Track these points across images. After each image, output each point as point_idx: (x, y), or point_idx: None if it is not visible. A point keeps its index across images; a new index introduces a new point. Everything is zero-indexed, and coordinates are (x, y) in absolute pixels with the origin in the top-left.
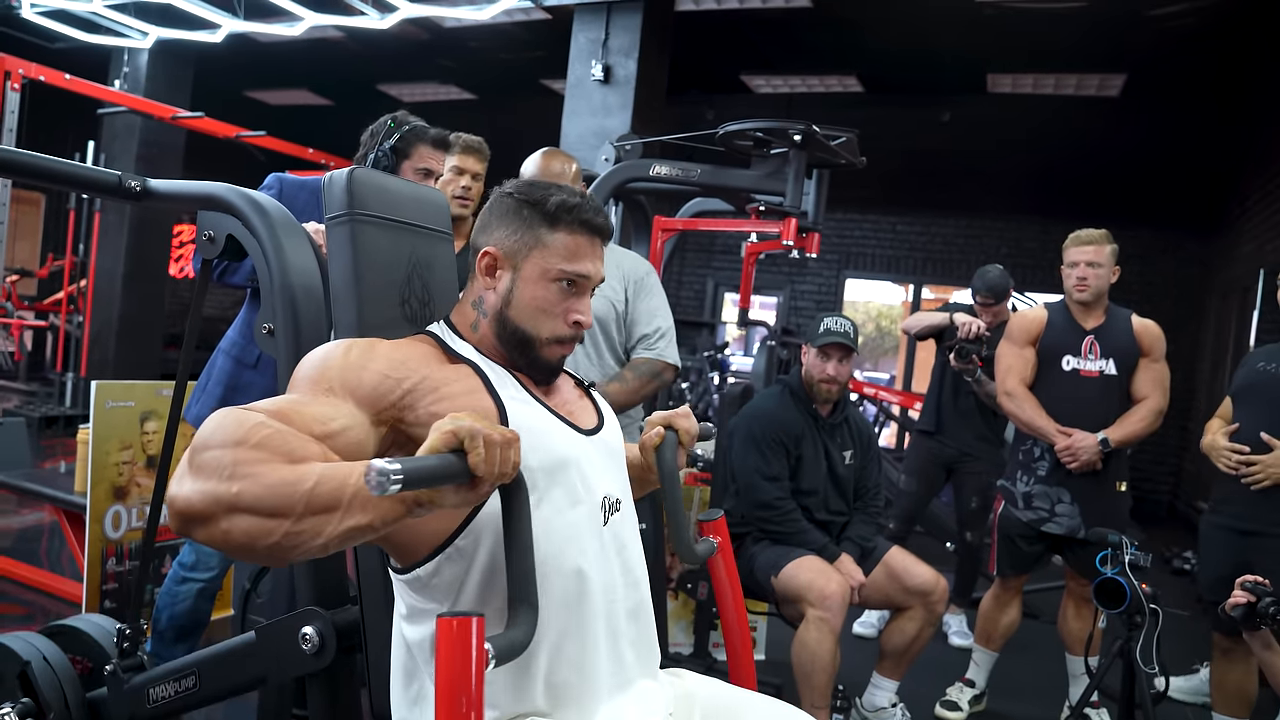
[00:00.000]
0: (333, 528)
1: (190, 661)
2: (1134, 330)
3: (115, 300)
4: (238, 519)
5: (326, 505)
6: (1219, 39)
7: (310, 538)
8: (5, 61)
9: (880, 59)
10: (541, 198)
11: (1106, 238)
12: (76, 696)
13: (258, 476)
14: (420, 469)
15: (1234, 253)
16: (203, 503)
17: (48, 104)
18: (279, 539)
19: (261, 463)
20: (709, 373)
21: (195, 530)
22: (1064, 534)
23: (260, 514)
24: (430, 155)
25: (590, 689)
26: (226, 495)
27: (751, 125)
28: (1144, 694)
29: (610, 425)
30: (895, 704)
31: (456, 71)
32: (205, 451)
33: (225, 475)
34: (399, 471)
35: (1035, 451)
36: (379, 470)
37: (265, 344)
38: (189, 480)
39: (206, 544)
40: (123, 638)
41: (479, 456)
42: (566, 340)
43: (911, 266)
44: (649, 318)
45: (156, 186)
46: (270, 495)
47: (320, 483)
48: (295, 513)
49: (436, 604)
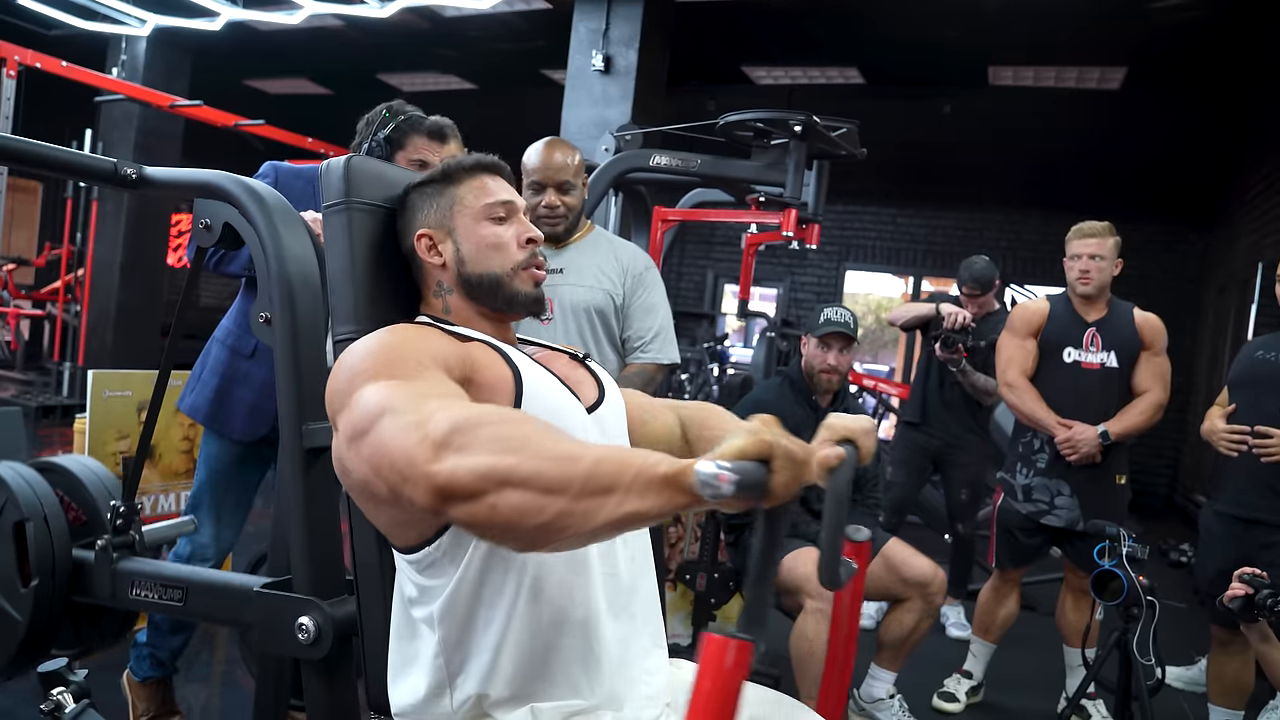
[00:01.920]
0: (609, 511)
1: (183, 576)
2: (1136, 323)
3: (112, 289)
4: (509, 494)
5: (605, 486)
6: (1220, 32)
7: (582, 520)
8: (1, 48)
9: (881, 51)
10: (430, 173)
11: (1109, 230)
12: (64, 551)
13: (537, 450)
14: (747, 478)
15: (1233, 245)
16: (471, 476)
17: (45, 92)
18: (550, 518)
19: (540, 433)
20: (709, 364)
21: (456, 507)
22: (1063, 526)
23: (535, 489)
24: (425, 146)
25: (592, 662)
26: (500, 468)
27: (752, 116)
28: (1140, 685)
29: (611, 397)
30: (893, 695)
31: (457, 61)
32: (472, 430)
33: (499, 448)
34: (734, 479)
35: (1035, 444)
36: (712, 473)
37: (262, 333)
38: (452, 456)
39: (465, 523)
40: (116, 514)
41: (783, 478)
42: (529, 263)
43: (911, 259)
44: (643, 315)
45: (152, 174)
46: (549, 470)
47: (600, 462)
48: (572, 490)
49: (445, 579)
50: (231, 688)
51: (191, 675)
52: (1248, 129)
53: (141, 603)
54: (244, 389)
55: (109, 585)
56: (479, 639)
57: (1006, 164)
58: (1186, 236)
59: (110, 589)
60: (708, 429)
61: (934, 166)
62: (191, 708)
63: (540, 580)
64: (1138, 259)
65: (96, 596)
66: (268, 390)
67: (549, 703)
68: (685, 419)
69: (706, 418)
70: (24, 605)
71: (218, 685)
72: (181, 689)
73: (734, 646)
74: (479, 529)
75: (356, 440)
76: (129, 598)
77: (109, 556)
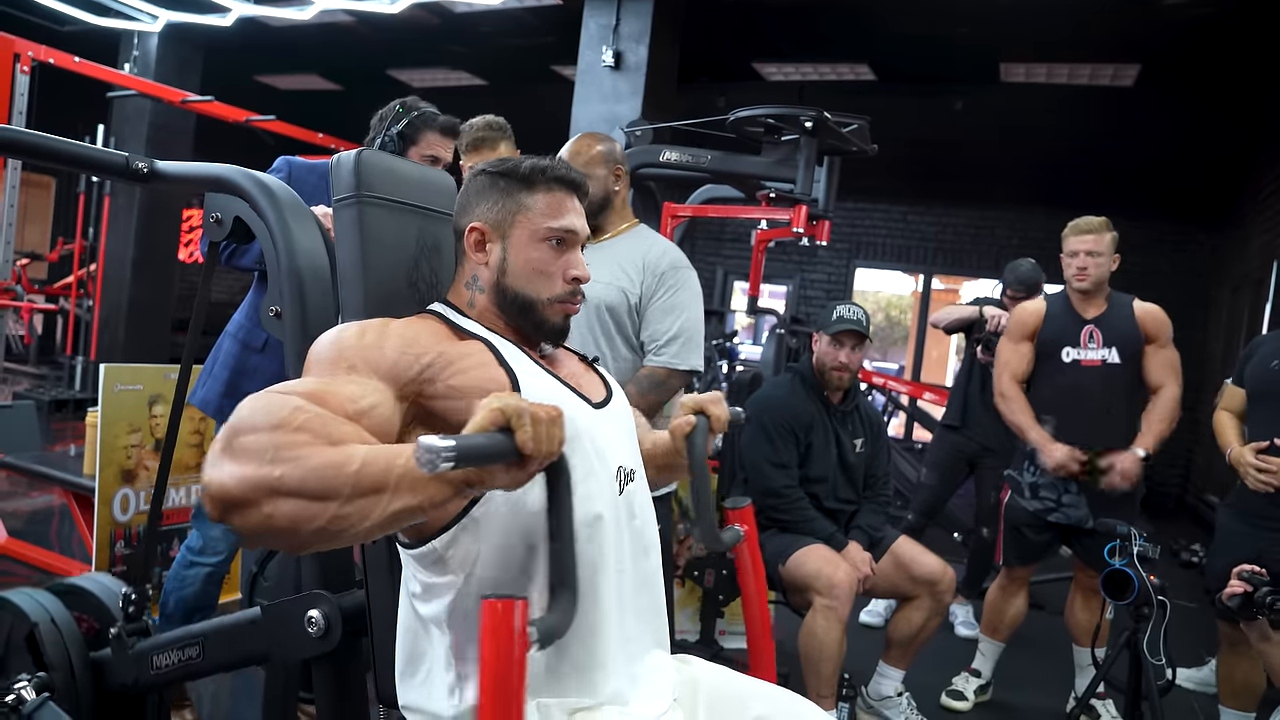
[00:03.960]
0: (380, 510)
1: (195, 632)
2: (1136, 317)
3: (125, 284)
4: (281, 503)
5: (373, 487)
6: (1234, 29)
7: (357, 521)
8: (15, 44)
9: (892, 47)
10: (514, 165)
11: (1106, 225)
12: (81, 657)
13: (301, 460)
14: (471, 446)
15: (1246, 245)
16: (242, 488)
17: (58, 88)
18: (325, 523)
19: (304, 445)
20: (718, 361)
21: (234, 516)
22: (1071, 525)
23: (305, 497)
24: (438, 142)
25: (598, 658)
26: (269, 479)
27: (763, 112)
28: (1151, 685)
29: (618, 398)
30: (901, 693)
31: (467, 57)
32: (244, 435)
33: (267, 459)
34: (451, 449)
35: None
36: (428, 448)
37: (272, 326)
38: (227, 464)
39: (246, 531)
40: (128, 601)
41: (527, 434)
42: (567, 298)
43: (922, 256)
44: (663, 316)
45: (164, 168)
46: (315, 478)
47: (366, 464)
48: (342, 495)
49: (452, 576)
50: (241, 679)
51: None
52: (1261, 128)
53: (165, 674)
54: (254, 383)
55: (132, 670)
56: None
57: (1018, 161)
58: (1196, 236)
59: (133, 674)
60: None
61: (944, 163)
62: (201, 697)
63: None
64: (1150, 257)
65: (121, 685)
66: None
67: (555, 699)
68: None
69: None
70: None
71: (228, 676)
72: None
73: (503, 606)
74: (257, 536)
75: None
76: (151, 674)
77: (124, 644)
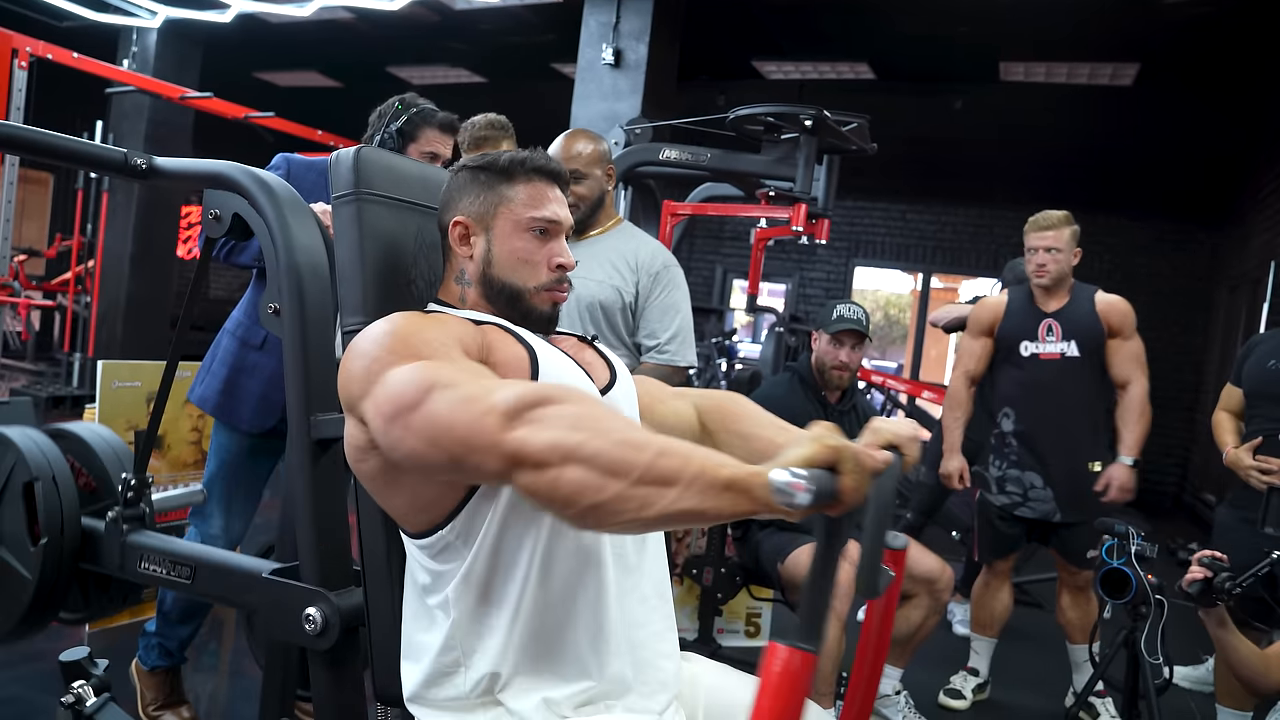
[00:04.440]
0: (665, 503)
1: (193, 555)
2: (1098, 309)
3: (123, 281)
4: (571, 469)
5: (665, 478)
6: (1234, 28)
7: (638, 507)
8: (12, 39)
9: (892, 46)
10: (493, 159)
11: (1066, 220)
12: (73, 511)
13: (604, 432)
14: (821, 486)
15: (1246, 245)
16: (540, 446)
17: (56, 83)
18: (606, 499)
19: (605, 419)
20: (716, 359)
21: (522, 475)
22: (1038, 519)
23: (597, 468)
24: (437, 139)
25: (601, 641)
26: (568, 442)
27: (762, 110)
28: (1148, 684)
29: (622, 379)
30: (899, 691)
31: (467, 54)
32: (545, 406)
33: (568, 425)
34: (809, 490)
35: (1003, 437)
36: (788, 482)
37: (271, 323)
38: (522, 428)
39: (528, 490)
40: (127, 487)
41: (851, 481)
42: (554, 286)
43: (921, 255)
44: (661, 316)
45: (162, 164)
46: (613, 452)
47: (663, 454)
48: (632, 476)
49: (459, 561)
50: (239, 677)
51: (199, 665)
52: (1261, 127)
53: (149, 577)
54: (253, 380)
55: (118, 557)
56: (492, 619)
57: (1017, 160)
58: (1196, 235)
59: (119, 561)
60: (739, 424)
61: (944, 162)
62: (199, 697)
63: (550, 561)
64: (1149, 256)
65: (105, 567)
66: (276, 381)
67: (560, 692)
68: (703, 408)
69: (730, 410)
70: (33, 564)
71: (225, 675)
72: (189, 678)
73: (799, 657)
74: (540, 498)
75: (403, 415)
76: (137, 571)
77: (119, 528)
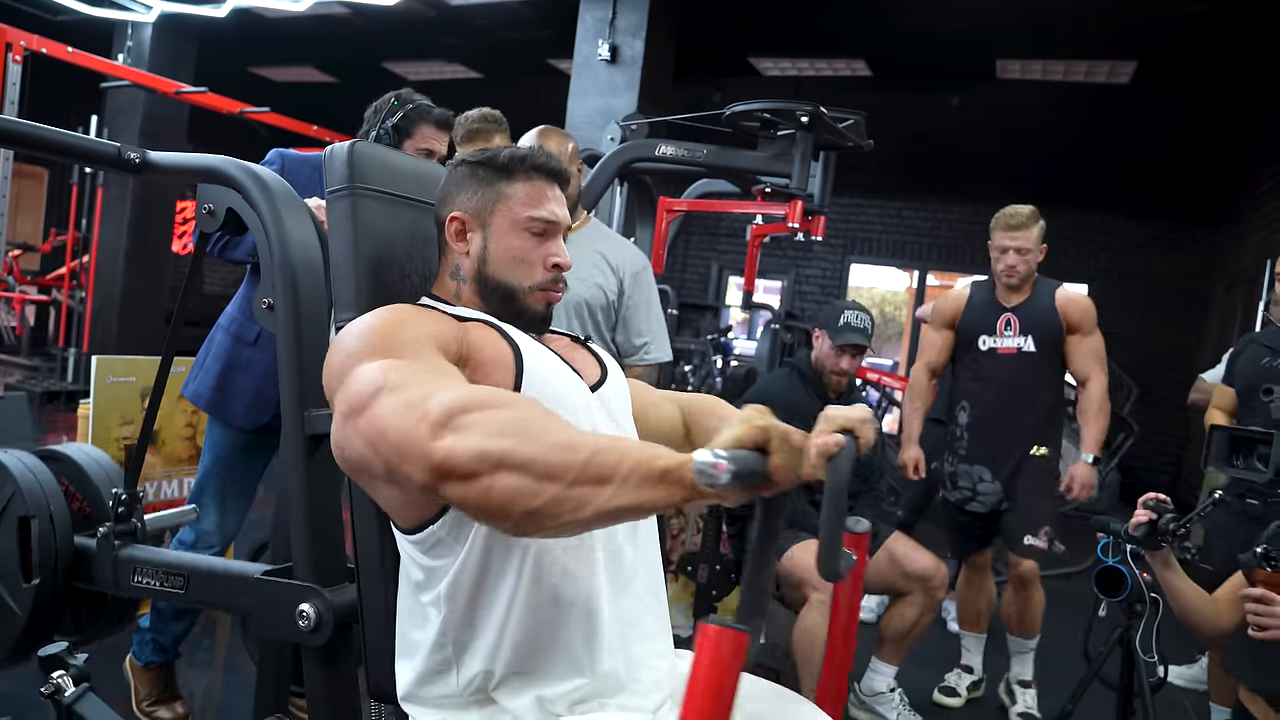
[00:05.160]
0: (601, 501)
1: (185, 564)
2: (1057, 305)
3: (118, 276)
4: (504, 477)
5: (601, 476)
6: (1230, 26)
7: (574, 508)
8: (7, 33)
9: (889, 43)
10: (493, 155)
11: (1033, 218)
12: (67, 540)
13: (535, 436)
14: (744, 465)
15: (1243, 243)
16: (468, 457)
17: (51, 78)
18: (542, 504)
19: (536, 421)
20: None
21: (451, 486)
22: (986, 512)
23: (531, 474)
24: (433, 135)
25: (593, 638)
26: (496, 450)
27: (758, 106)
28: (1143, 682)
29: (614, 378)
30: (893, 689)
31: (463, 50)
32: (468, 413)
33: (496, 432)
34: (730, 470)
35: (956, 431)
36: (709, 462)
37: (264, 319)
38: (450, 436)
39: (458, 502)
40: (119, 502)
41: (781, 460)
42: (549, 286)
43: (917, 252)
44: (643, 316)
45: (156, 159)
46: (547, 456)
47: (598, 452)
48: (567, 478)
49: (451, 557)
50: (233, 673)
51: (193, 660)
52: (1258, 125)
53: (143, 590)
54: (247, 376)
55: (111, 573)
56: (484, 616)
57: (1014, 158)
58: (1193, 233)
59: (112, 577)
60: (705, 418)
61: (940, 160)
62: (193, 692)
63: (543, 558)
64: (1145, 255)
65: (98, 584)
66: (270, 377)
67: (553, 690)
68: (686, 410)
69: (705, 408)
70: (25, 600)
71: (219, 670)
72: (183, 674)
73: (730, 637)
74: (472, 510)
75: (353, 416)
76: (130, 585)
77: (111, 545)
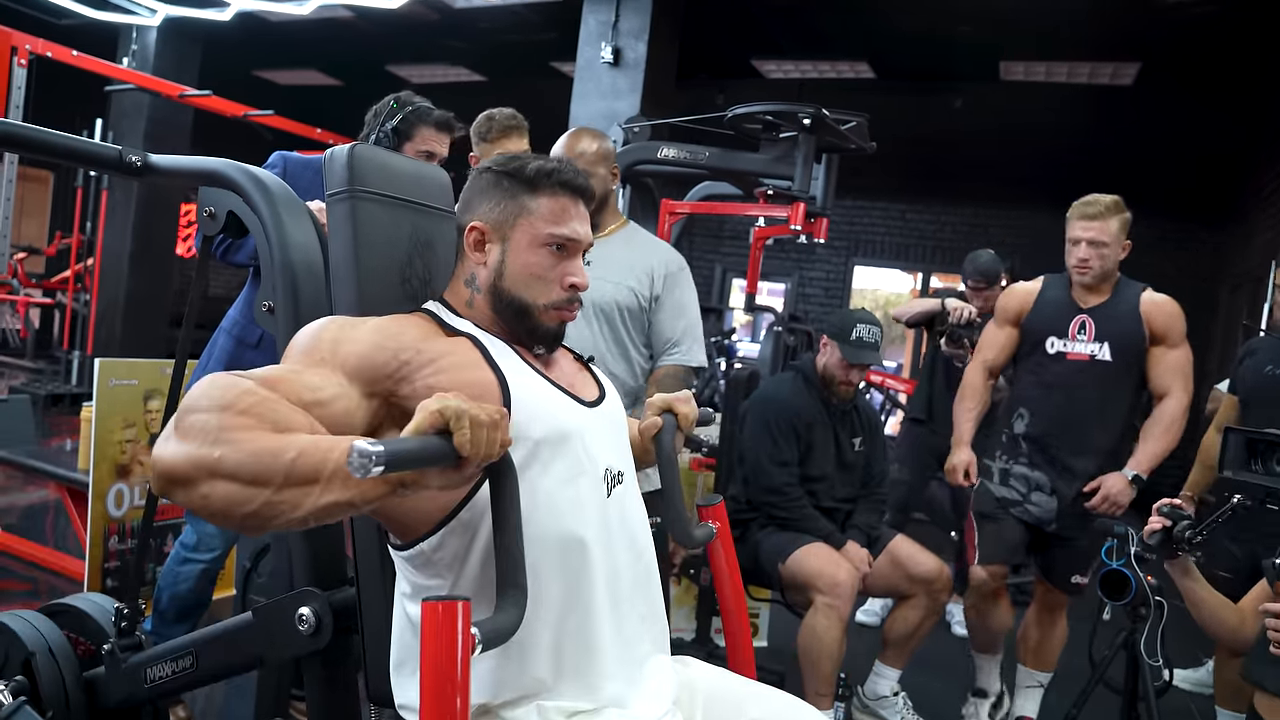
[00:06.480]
0: (312, 501)
1: (187, 641)
2: (1141, 310)
3: (122, 279)
4: (218, 484)
5: (306, 478)
6: (1234, 27)
7: (288, 509)
8: (12, 37)
9: (892, 45)
10: (520, 166)
11: (1115, 208)
12: (74, 677)
13: (241, 443)
14: (403, 451)
15: (1248, 244)
16: (185, 465)
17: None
18: (257, 508)
19: (246, 429)
20: (715, 358)
21: (176, 492)
22: (1032, 522)
23: (240, 481)
24: (433, 137)
25: (596, 662)
26: (208, 459)
27: (761, 108)
28: (1148, 686)
29: (611, 398)
30: (897, 692)
31: (466, 53)
32: (192, 414)
33: (209, 439)
34: (381, 454)
35: (1004, 437)
36: (360, 452)
37: (265, 321)
38: (173, 442)
39: (186, 506)
40: (120, 617)
41: (465, 437)
42: (564, 305)
43: (920, 254)
44: (676, 318)
45: (157, 162)
46: (252, 463)
47: (302, 455)
48: (275, 483)
49: (440, 580)
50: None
51: None
52: (1263, 125)
53: (159, 686)
54: None
55: (126, 686)
56: None
57: (1017, 160)
58: (1198, 235)
59: (128, 689)
60: None
61: (944, 162)
62: (195, 696)
63: (540, 582)
64: (1150, 256)
65: (113, 700)
66: None
67: (555, 704)
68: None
69: None
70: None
71: None
72: None
73: (447, 608)
74: (196, 512)
75: None
76: (146, 687)
77: (117, 660)
